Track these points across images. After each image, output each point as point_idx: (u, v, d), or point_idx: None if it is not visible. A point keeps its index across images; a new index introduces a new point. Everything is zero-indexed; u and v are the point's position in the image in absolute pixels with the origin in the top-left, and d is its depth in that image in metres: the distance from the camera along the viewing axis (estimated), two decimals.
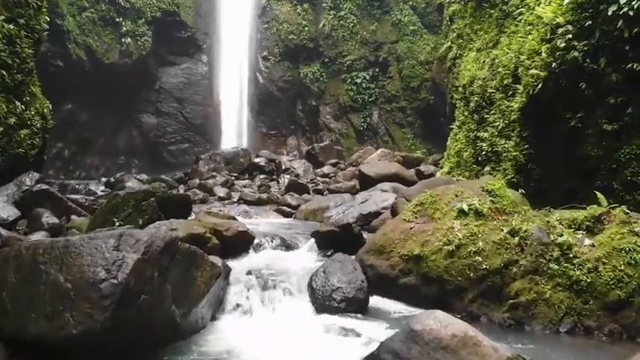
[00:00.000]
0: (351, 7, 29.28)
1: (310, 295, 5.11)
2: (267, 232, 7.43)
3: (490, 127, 9.82)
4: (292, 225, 8.76)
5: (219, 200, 12.38)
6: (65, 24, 22.85)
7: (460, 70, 12.71)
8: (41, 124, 10.37)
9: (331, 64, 29.64)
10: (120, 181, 14.37)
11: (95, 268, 3.58)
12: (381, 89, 28.54)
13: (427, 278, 5.18)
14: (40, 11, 10.44)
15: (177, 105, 29.76)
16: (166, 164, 29.41)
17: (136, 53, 26.94)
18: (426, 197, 5.89)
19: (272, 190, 14.06)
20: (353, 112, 29.20)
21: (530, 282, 4.81)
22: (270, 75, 30.62)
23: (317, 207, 9.21)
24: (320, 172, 15.45)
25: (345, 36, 29.28)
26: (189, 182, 14.28)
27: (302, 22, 30.03)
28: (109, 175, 27.32)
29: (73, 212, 6.72)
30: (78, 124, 25.46)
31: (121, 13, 26.21)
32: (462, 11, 13.71)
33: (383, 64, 28.49)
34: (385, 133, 28.25)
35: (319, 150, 16.48)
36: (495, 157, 9.53)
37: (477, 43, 11.98)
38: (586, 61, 6.89)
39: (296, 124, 31.43)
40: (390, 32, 28.18)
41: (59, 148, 24.83)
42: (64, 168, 25.20)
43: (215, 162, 15.85)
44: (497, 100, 9.80)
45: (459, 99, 12.53)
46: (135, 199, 5.92)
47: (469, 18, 13.14)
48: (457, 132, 12.10)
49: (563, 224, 5.26)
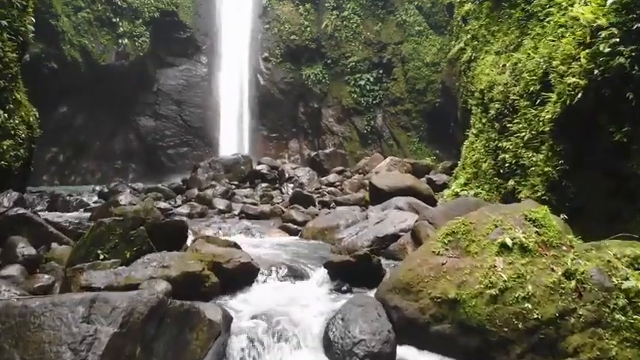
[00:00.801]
0: (354, 7, 28.48)
1: (326, 348, 4.30)
2: (272, 258, 6.62)
3: (514, 137, 9.01)
4: (299, 246, 7.94)
5: (218, 214, 11.56)
6: (60, 24, 22.05)
7: (476, 74, 11.89)
8: (27, 134, 9.56)
9: (334, 65, 28.88)
10: (114, 191, 13.57)
11: (58, 347, 2.73)
12: (385, 91, 27.76)
13: (465, 327, 4.37)
14: (26, 12, 9.61)
15: (176, 107, 29.00)
16: (164, 168, 28.65)
17: (133, 54, 26.16)
18: (458, 226, 5.09)
19: (275, 200, 13.24)
20: (356, 115, 28.43)
21: (591, 336, 4.02)
22: (271, 77, 29.89)
23: (326, 226, 8.39)
24: (325, 181, 14.63)
25: (348, 36, 28.51)
26: (187, 192, 13.46)
27: (304, 23, 29.26)
28: (106, 181, 26.54)
29: (55, 239, 5.92)
30: (73, 128, 24.67)
31: (117, 14, 25.42)
32: (476, 11, 12.89)
33: (387, 65, 27.70)
34: (390, 137, 27.46)
35: (324, 157, 15.67)
36: (521, 171, 8.72)
37: (495, 46, 11.16)
38: (634, 68, 6.06)
39: (298, 127, 30.67)
40: (395, 33, 27.37)
41: (54, 153, 24.05)
42: (59, 173, 24.40)
43: (214, 170, 15.04)
44: (521, 109, 8.98)
45: (475, 105, 11.71)
46: (122, 227, 5.11)
47: (485, 18, 12.32)
48: (474, 140, 11.29)
49: (623, 262, 4.47)
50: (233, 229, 9.18)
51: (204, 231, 8.78)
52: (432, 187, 12.79)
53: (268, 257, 6.70)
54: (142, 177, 28.33)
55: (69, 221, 6.36)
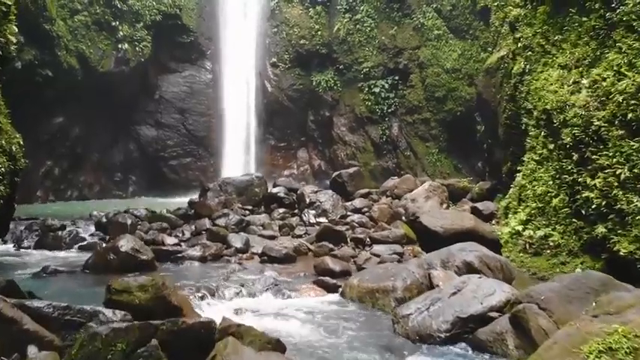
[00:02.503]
0: (368, 10, 26.81)
1: None
2: (312, 344, 4.96)
3: (603, 173, 7.38)
4: (348, 318, 6.24)
5: (235, 254, 9.90)
6: (54, 29, 20.38)
7: (534, 90, 10.25)
8: (7, 167, 7.92)
9: (346, 71, 27.24)
10: (113, 222, 11.92)
11: None
12: (401, 99, 26.07)
13: None
14: (7, 19, 7.96)
15: (179, 116, 27.35)
16: (167, 180, 27.02)
17: (133, 60, 24.51)
18: (618, 340, 3.49)
19: (297, 231, 11.59)
20: (370, 124, 26.76)
21: None
22: (279, 83, 28.28)
23: (376, 286, 6.72)
24: (351, 207, 12.97)
25: (361, 41, 26.84)
26: (197, 223, 11.79)
27: (314, 26, 27.62)
28: (105, 194, 24.85)
29: (33, 338, 4.28)
30: (69, 139, 22.99)
31: (117, 17, 23.74)
32: (527, 17, 11.24)
33: (403, 71, 26.01)
34: (407, 147, 25.79)
35: (347, 178, 14.01)
36: (615, 216, 7.10)
37: (560, 59, 9.51)
38: None
39: (307, 136, 29.04)
40: (412, 37, 25.68)
41: (48, 166, 22.36)
42: (54, 188, 22.70)
43: (226, 193, 13.40)
44: (612, 139, 7.36)
45: (533, 126, 10.08)
46: (126, 341, 3.49)
47: (541, 25, 10.67)
48: (535, 168, 9.65)
49: None
50: (258, 284, 7.53)
51: (226, 291, 7.14)
52: (480, 217, 11.20)
53: (305, 336, 5.05)
54: (142, 189, 26.69)
55: (53, 306, 4.70)
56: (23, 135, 9.44)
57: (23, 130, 10.07)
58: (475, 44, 23.92)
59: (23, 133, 9.57)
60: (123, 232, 11.31)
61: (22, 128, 10.12)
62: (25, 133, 10.23)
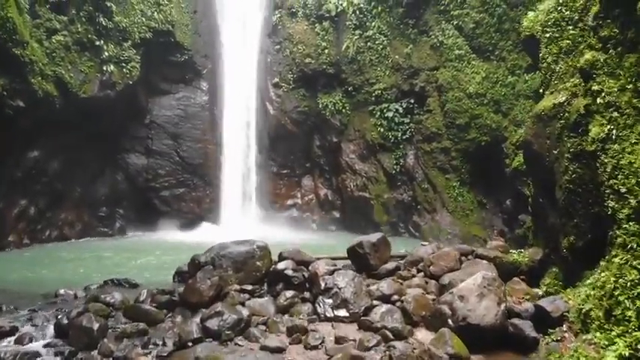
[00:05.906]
0: (380, 26, 24.29)
1: None
2: None
3: None
4: None
5: None
6: (27, 53, 17.82)
7: (627, 166, 7.76)
8: None
9: (356, 93, 24.74)
10: (94, 298, 9.35)
11: None
12: (417, 125, 23.56)
13: None
14: None
15: (172, 142, 24.83)
16: (157, 213, 24.49)
17: (120, 83, 21.99)
18: None
19: (312, 337, 9.00)
20: (383, 152, 24.25)
21: None
22: (282, 105, 25.80)
23: None
24: (378, 292, 10.30)
25: (372, 60, 24.33)
26: (183, 326, 9.18)
27: (321, 44, 25.11)
28: (88, 233, 22.26)
29: None
30: (47, 174, 20.43)
31: (102, 35, 21.20)
32: (610, 65, 8.70)
33: (420, 94, 23.49)
34: (424, 179, 23.26)
35: (370, 248, 11.39)
36: None
37: None
38: None
39: (312, 163, 26.55)
40: (429, 57, 23.18)
41: (22, 206, 19.77)
42: (29, 230, 20.11)
43: (220, 268, 10.83)
44: None
45: (628, 217, 7.57)
46: None
47: (630, 79, 8.15)
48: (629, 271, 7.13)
49: None
50: None
51: None
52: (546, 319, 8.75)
53: None
54: (131, 224, 24.10)
55: None
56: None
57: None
58: (502, 66, 21.40)
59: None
60: (87, 342, 8.88)
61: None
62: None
